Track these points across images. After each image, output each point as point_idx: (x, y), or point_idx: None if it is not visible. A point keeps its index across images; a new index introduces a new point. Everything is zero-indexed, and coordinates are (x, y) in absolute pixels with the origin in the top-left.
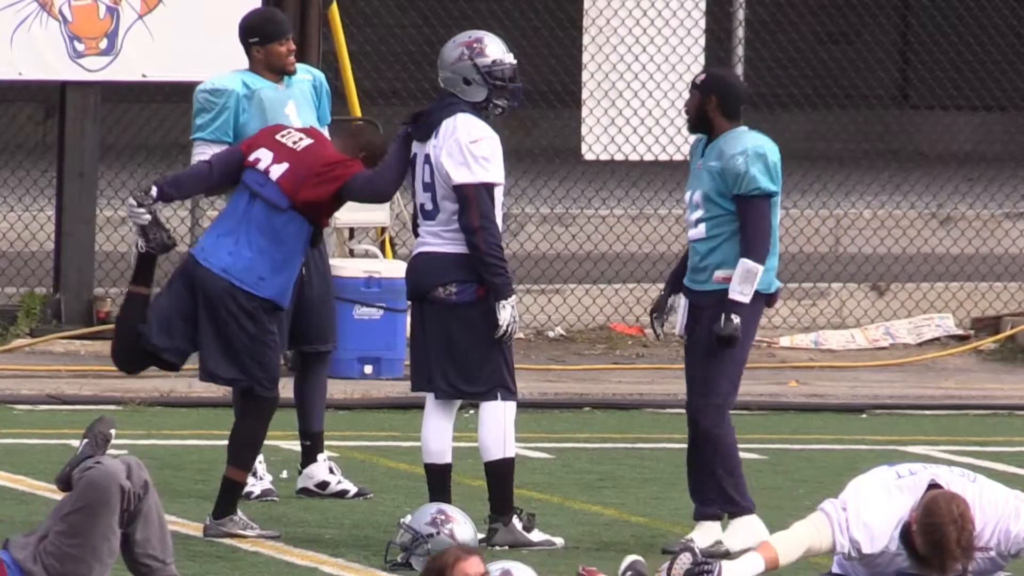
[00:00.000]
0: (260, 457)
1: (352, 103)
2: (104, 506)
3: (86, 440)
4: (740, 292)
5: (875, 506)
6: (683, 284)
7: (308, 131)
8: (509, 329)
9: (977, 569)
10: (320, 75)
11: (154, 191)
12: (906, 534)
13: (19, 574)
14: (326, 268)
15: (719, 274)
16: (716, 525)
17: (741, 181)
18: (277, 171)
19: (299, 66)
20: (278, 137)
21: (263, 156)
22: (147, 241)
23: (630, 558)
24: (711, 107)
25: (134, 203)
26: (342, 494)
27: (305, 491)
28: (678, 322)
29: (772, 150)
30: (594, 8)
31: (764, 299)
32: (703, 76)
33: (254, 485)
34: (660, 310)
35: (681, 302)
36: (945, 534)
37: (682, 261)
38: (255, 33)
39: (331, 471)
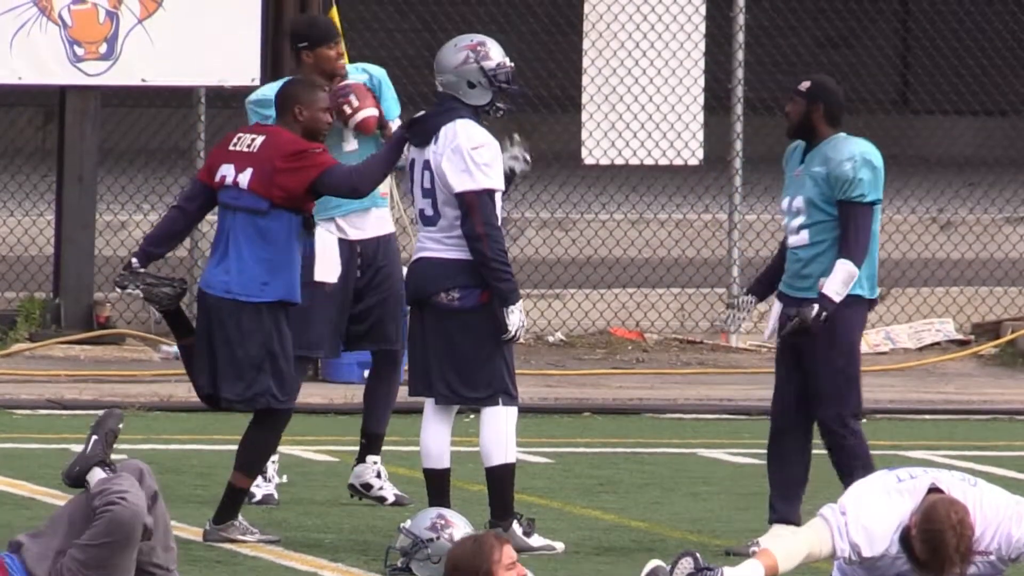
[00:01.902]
0: (273, 456)
1: None
2: (128, 543)
3: (95, 437)
4: (837, 292)
5: (875, 510)
6: (779, 290)
7: (256, 128)
8: (518, 334)
9: (977, 573)
10: (378, 71)
11: (134, 262)
12: (905, 539)
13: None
14: (390, 268)
15: (824, 281)
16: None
17: (848, 187)
18: (245, 179)
19: (355, 65)
20: (231, 147)
21: (227, 171)
22: (158, 304)
23: (652, 564)
24: (817, 115)
25: (120, 290)
26: (380, 500)
27: (352, 488)
28: (768, 327)
29: (878, 157)
30: (594, 12)
31: (868, 304)
32: (808, 84)
33: (257, 487)
34: (738, 308)
35: (775, 307)
36: (944, 540)
37: (774, 266)
38: (303, 38)
39: (378, 475)
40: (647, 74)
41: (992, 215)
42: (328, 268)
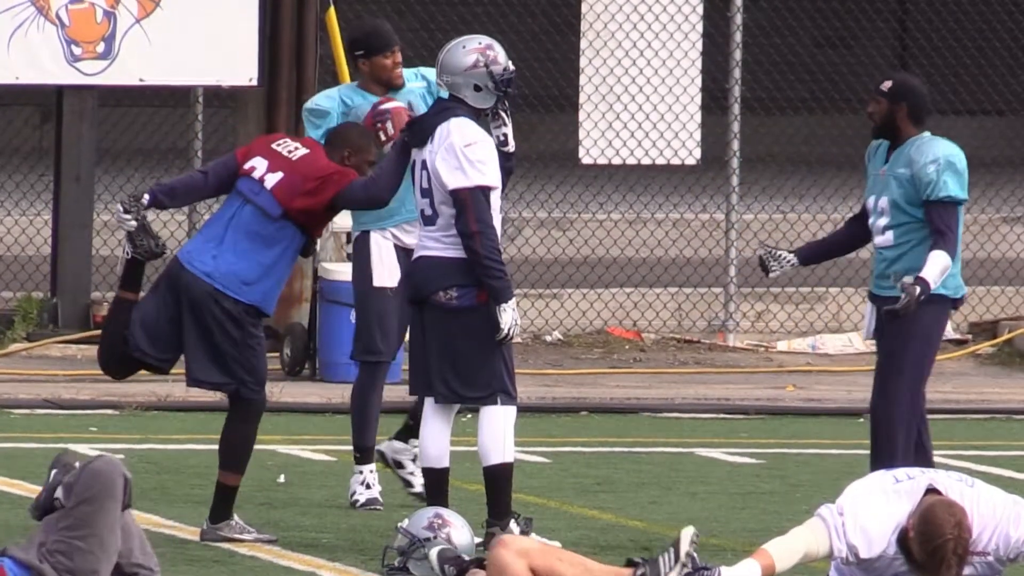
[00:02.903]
0: (372, 467)
1: None
2: (109, 496)
3: (55, 469)
4: (934, 279)
5: (873, 511)
6: (870, 291)
7: (304, 141)
8: (510, 332)
9: (974, 574)
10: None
11: (146, 198)
12: (903, 540)
13: (26, 572)
14: None
15: (906, 280)
16: None
17: (932, 189)
18: (272, 180)
19: (415, 71)
20: (274, 146)
21: (258, 164)
22: (134, 247)
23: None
24: (901, 115)
25: (121, 209)
26: (406, 483)
27: (381, 455)
28: (865, 328)
29: (961, 158)
30: (592, 12)
31: (951, 303)
32: (890, 83)
33: (361, 494)
34: (773, 257)
35: (869, 308)
36: (942, 542)
37: (828, 240)
38: (360, 46)
39: (413, 459)
40: (644, 74)
41: (989, 215)
42: (387, 273)
